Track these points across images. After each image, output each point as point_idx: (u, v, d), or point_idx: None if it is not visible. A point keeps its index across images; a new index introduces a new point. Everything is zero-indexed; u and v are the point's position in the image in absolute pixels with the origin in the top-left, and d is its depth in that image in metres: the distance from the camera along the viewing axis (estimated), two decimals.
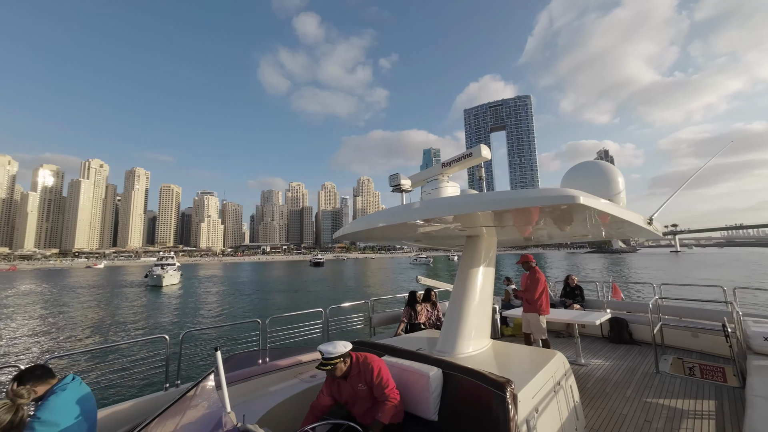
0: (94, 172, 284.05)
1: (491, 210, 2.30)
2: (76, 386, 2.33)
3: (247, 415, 2.09)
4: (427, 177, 3.89)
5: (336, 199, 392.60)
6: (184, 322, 21.85)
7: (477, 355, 3.44)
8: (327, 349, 2.61)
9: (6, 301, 33.00)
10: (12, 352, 14.97)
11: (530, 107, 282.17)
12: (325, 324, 5.74)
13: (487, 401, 2.40)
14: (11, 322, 21.83)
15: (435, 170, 3.80)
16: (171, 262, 56.22)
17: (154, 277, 45.85)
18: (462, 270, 3.80)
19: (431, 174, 3.84)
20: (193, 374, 8.47)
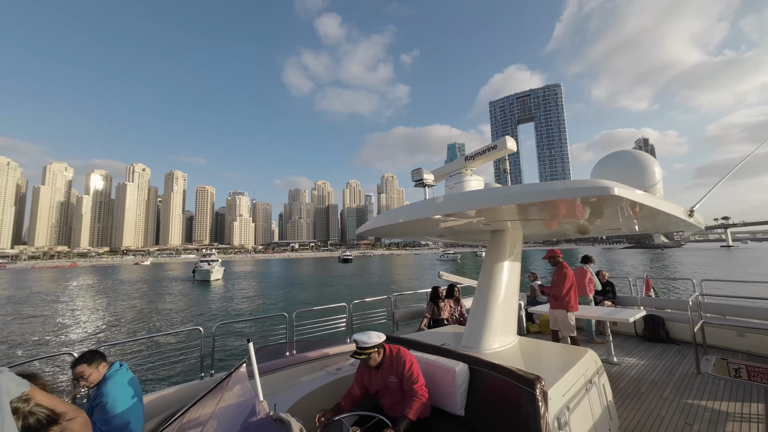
0: (137, 175, 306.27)
1: (516, 204, 2.23)
2: (124, 372, 2.62)
3: (277, 405, 2.14)
4: (450, 171, 3.82)
5: (360, 196, 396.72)
6: (231, 313, 23.64)
7: (503, 351, 3.41)
8: (362, 338, 2.67)
9: (71, 293, 37.09)
10: (71, 339, 17.02)
11: (560, 96, 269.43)
12: (349, 318, 5.82)
13: (515, 398, 2.38)
14: (76, 311, 24.72)
15: (458, 164, 3.74)
16: (214, 258, 59.23)
17: (202, 272, 48.41)
18: (487, 265, 3.76)
19: (454, 168, 3.77)
20: (226, 364, 8.62)
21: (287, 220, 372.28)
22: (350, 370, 4.21)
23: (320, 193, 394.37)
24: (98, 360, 2.56)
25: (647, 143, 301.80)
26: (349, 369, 4.27)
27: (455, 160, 3.80)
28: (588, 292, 6.81)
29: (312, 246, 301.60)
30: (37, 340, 17.05)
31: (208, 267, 49.78)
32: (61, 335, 18.03)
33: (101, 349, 2.81)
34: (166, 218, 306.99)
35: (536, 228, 3.92)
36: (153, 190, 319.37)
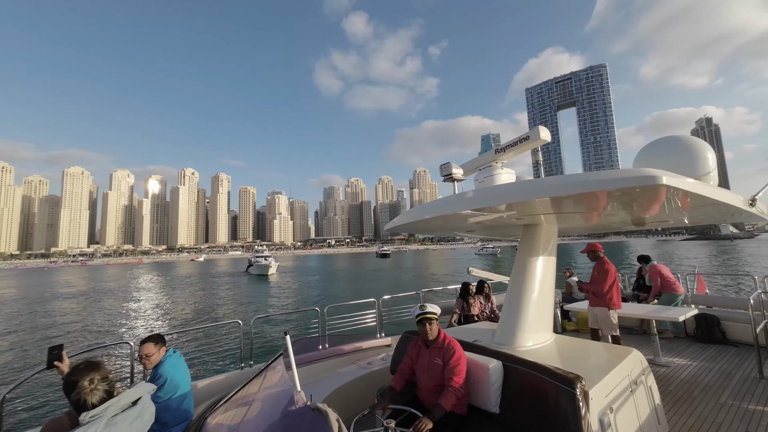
0: (188, 179, 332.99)
1: (549, 197, 2.15)
2: (177, 357, 2.92)
3: (313, 396, 2.21)
4: (479, 165, 3.75)
5: (393, 192, 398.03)
6: (294, 303, 25.36)
7: (538, 349, 3.34)
8: (428, 304, 2.93)
9: (144, 286, 41.74)
10: (137, 326, 18.76)
11: (605, 78, 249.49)
12: (379, 314, 5.83)
13: (554, 397, 2.33)
14: (149, 302, 27.71)
15: (488, 157, 3.65)
16: (267, 254, 62.59)
17: (261, 266, 50.75)
18: (519, 260, 3.68)
19: (484, 161, 3.69)
20: (264, 356, 8.90)
21: (323, 217, 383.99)
22: (381, 365, 4.30)
23: (353, 190, 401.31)
24: (161, 343, 2.87)
25: (710, 123, 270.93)
26: (380, 363, 4.36)
27: (485, 153, 3.72)
28: (677, 290, 6.38)
29: (347, 242, 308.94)
30: (107, 327, 19.13)
31: (266, 262, 52.35)
32: (132, 324, 20.16)
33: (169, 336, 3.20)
34: (214, 218, 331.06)
35: (573, 221, 3.72)
36: (201, 192, 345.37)
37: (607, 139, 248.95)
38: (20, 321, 21.98)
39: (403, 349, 3.60)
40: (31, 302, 31.01)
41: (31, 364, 12.97)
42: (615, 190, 1.94)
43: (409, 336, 3.71)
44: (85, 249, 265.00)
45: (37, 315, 23.98)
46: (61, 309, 26.48)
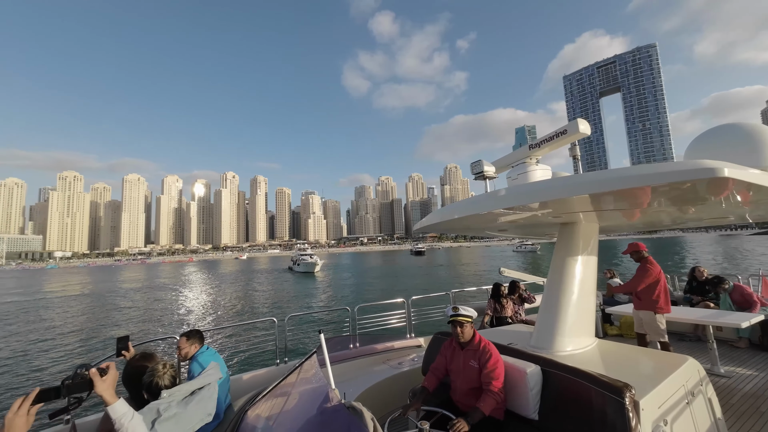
0: (229, 182, 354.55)
1: (588, 194, 2.04)
2: (210, 353, 3.10)
3: (346, 394, 2.20)
4: (512, 161, 3.62)
5: (423, 189, 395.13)
6: (346, 298, 26.03)
7: (580, 354, 3.19)
8: (460, 306, 2.86)
9: (201, 281, 44.94)
10: (193, 318, 19.90)
11: (655, 58, 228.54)
12: (408, 314, 5.77)
13: (599, 406, 2.23)
14: (203, 298, 29.28)
15: (522, 153, 3.52)
16: (310, 253, 64.00)
17: (307, 264, 51.82)
18: (557, 260, 3.53)
19: (518, 157, 3.56)
20: (297, 353, 8.88)
21: (354, 216, 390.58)
22: (412, 365, 4.30)
23: (384, 188, 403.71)
24: (194, 339, 3.12)
25: None
26: (410, 364, 4.35)
27: (518, 150, 3.59)
28: None
29: (379, 240, 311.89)
30: (163, 320, 20.54)
31: (312, 260, 53.32)
32: (186, 317, 21.41)
33: (207, 332, 3.29)
34: (253, 218, 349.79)
35: (616, 219, 3.55)
36: (242, 194, 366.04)
37: (658, 125, 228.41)
38: (94, 312, 25.19)
39: (434, 349, 3.56)
40: (102, 296, 35.19)
41: (100, 348, 14.67)
42: (663, 185, 1.79)
43: (441, 337, 3.70)
44: (143, 248, 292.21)
45: (107, 307, 27.22)
46: (127, 302, 29.77)
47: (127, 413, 1.52)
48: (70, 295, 37.19)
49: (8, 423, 1.19)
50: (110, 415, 1.50)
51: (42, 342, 16.33)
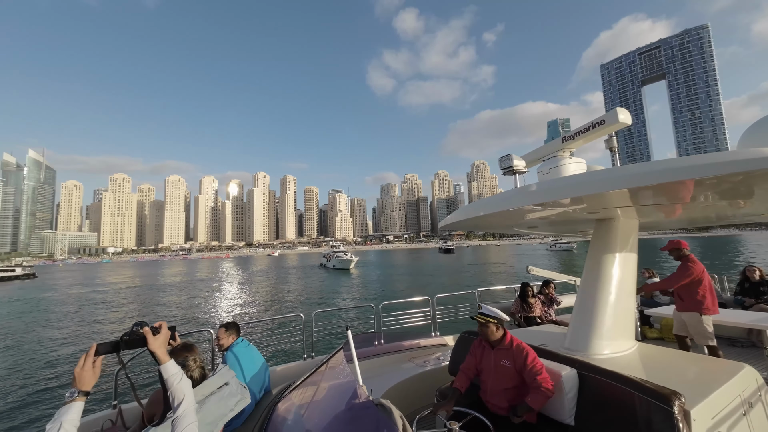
0: (260, 182, 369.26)
1: (627, 188, 1.94)
2: (244, 345, 3.22)
3: (372, 391, 2.18)
4: (544, 155, 3.48)
5: (449, 186, 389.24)
6: (384, 294, 26.16)
7: (619, 358, 3.05)
8: (487, 307, 2.81)
9: (240, 276, 47.41)
10: (235, 311, 21.09)
11: (707, 41, 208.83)
12: (433, 312, 5.69)
13: (644, 414, 2.12)
14: (242, 292, 30.83)
15: (554, 146, 3.35)
16: (344, 249, 63.24)
17: (343, 261, 51.71)
18: (592, 259, 3.38)
19: (550, 150, 3.40)
20: (323, 348, 8.76)
21: (380, 214, 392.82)
22: (437, 363, 4.27)
23: (410, 186, 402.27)
24: (231, 330, 3.25)
25: None
26: (435, 362, 4.32)
27: (550, 142, 3.42)
28: None
29: (405, 237, 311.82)
30: (203, 311, 21.50)
31: (347, 257, 53.01)
32: (227, 309, 22.30)
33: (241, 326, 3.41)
34: (283, 216, 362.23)
35: (658, 215, 3.34)
36: (272, 194, 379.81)
37: (709, 113, 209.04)
38: (141, 303, 27.59)
39: (462, 349, 3.51)
40: (149, 288, 38.28)
41: None
42: (710, 178, 1.65)
43: (469, 336, 3.63)
44: (184, 245, 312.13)
45: (152, 300, 29.59)
46: (170, 295, 32.14)
47: (177, 374, 1.59)
48: (131, 286, 41.03)
49: (77, 376, 1.35)
50: (162, 374, 1.56)
51: (112, 323, 18.60)
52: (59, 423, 1.25)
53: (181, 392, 1.55)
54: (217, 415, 1.90)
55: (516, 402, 2.58)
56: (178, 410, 1.51)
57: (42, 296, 33.43)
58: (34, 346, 14.92)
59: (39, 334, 17.19)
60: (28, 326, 19.29)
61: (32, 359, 12.77)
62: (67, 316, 22.72)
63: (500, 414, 2.62)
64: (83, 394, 1.34)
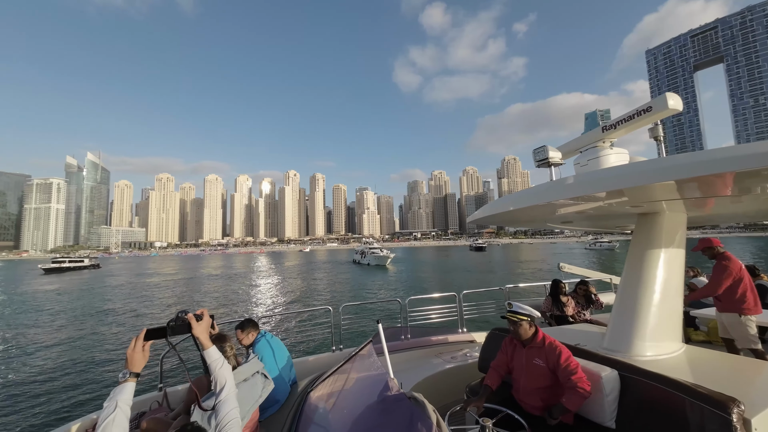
0: (291, 180, 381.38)
1: (674, 179, 1.82)
2: (268, 338, 3.27)
3: (402, 385, 2.17)
4: (581, 145, 3.30)
5: (478, 183, 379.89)
6: (421, 290, 26.13)
7: (665, 360, 2.89)
8: (518, 304, 2.74)
9: (277, 270, 49.50)
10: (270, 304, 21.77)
11: None
12: (460, 308, 5.62)
13: (697, 421, 2.00)
14: (279, 285, 32.06)
15: (593, 136, 3.17)
16: (378, 246, 63.70)
17: (380, 257, 52.10)
18: (634, 255, 3.23)
19: (588, 141, 3.21)
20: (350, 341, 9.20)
21: (407, 211, 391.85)
22: (464, 360, 4.23)
23: (437, 183, 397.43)
24: (249, 328, 3.27)
25: None
26: (463, 359, 4.28)
27: (589, 132, 3.25)
28: None
29: (433, 235, 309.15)
30: (243, 303, 22.84)
31: (383, 253, 53.18)
32: (264, 301, 23.79)
33: (257, 319, 3.51)
34: (312, 213, 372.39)
35: (711, 209, 3.11)
36: (302, 191, 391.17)
37: None
38: (187, 291, 29.93)
39: (492, 346, 3.46)
40: (194, 280, 41.25)
41: None
42: None
43: (498, 333, 3.59)
44: (221, 240, 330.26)
45: (196, 290, 31.96)
46: (210, 286, 34.50)
47: (219, 360, 1.69)
48: (182, 278, 44.48)
49: (129, 357, 1.46)
50: (205, 359, 1.66)
51: (167, 308, 20.41)
52: (115, 402, 1.35)
53: (224, 377, 1.64)
54: (249, 401, 1.98)
55: (551, 402, 2.51)
56: (221, 395, 1.59)
57: (109, 284, 37.51)
58: (105, 326, 17.17)
59: (109, 316, 19.66)
60: (104, 308, 22.23)
61: (103, 338, 14.72)
62: (130, 300, 25.77)
63: (534, 414, 2.55)
64: (134, 375, 1.44)
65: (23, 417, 7.67)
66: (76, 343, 13.99)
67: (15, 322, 18.74)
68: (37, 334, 15.75)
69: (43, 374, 10.39)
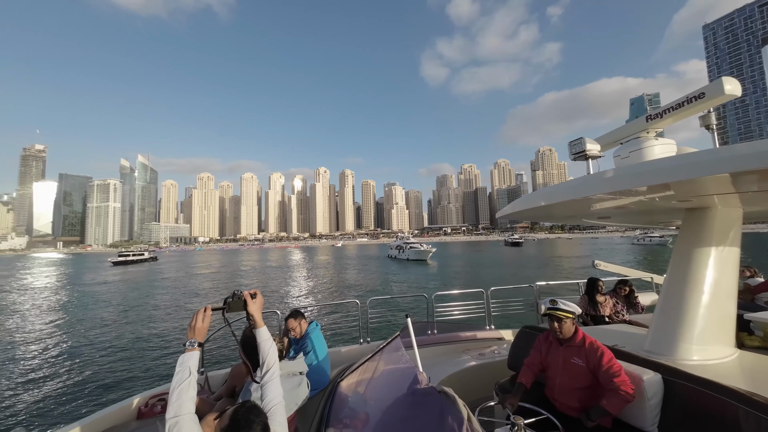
0: (321, 176, 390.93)
1: (728, 172, 1.67)
2: (319, 329, 3.44)
3: (430, 379, 2.14)
4: (622, 136, 3.12)
5: (511, 176, 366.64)
6: (462, 285, 26.06)
7: (715, 365, 2.71)
8: (562, 300, 2.66)
9: (316, 264, 50.74)
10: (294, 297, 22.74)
11: None
12: (487, 305, 5.53)
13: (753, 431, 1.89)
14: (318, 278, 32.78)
15: (636, 126, 2.99)
16: (413, 240, 62.60)
17: (419, 252, 51.21)
18: (681, 253, 3.03)
19: (631, 131, 3.04)
20: (377, 334, 8.77)
21: (436, 206, 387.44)
22: (492, 357, 4.15)
23: (467, 177, 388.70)
24: (300, 317, 3.41)
25: None
26: (491, 356, 4.20)
27: (631, 122, 3.07)
28: None
29: (463, 230, 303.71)
30: (282, 295, 23.65)
31: (424, 248, 51.97)
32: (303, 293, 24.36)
33: (303, 310, 3.66)
34: (342, 209, 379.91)
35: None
36: (332, 188, 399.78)
37: None
38: (232, 281, 32.44)
39: (522, 344, 3.40)
40: (238, 271, 44.23)
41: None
42: None
43: (529, 331, 3.51)
44: (257, 235, 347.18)
45: (240, 278, 34.24)
46: (249, 278, 36.45)
47: (269, 340, 1.75)
48: (227, 270, 47.78)
49: (196, 329, 1.61)
50: (257, 337, 1.75)
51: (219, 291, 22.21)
52: (188, 367, 1.48)
53: (273, 359, 1.71)
54: (289, 403, 1.99)
55: (588, 403, 2.43)
56: (268, 375, 1.65)
57: (169, 275, 41.34)
58: (176, 306, 19.90)
59: (176, 298, 22.69)
60: (173, 292, 25.63)
61: (178, 314, 17.10)
62: (190, 285, 29.49)
63: (569, 414, 2.49)
64: (199, 345, 1.58)
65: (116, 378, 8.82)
66: (157, 320, 16.00)
67: (111, 302, 22.43)
68: (128, 312, 18.72)
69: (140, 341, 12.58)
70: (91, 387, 8.75)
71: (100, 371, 9.87)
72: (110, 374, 9.63)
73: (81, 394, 8.33)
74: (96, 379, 9.29)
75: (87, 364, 10.59)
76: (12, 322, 17.12)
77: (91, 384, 8.94)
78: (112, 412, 2.90)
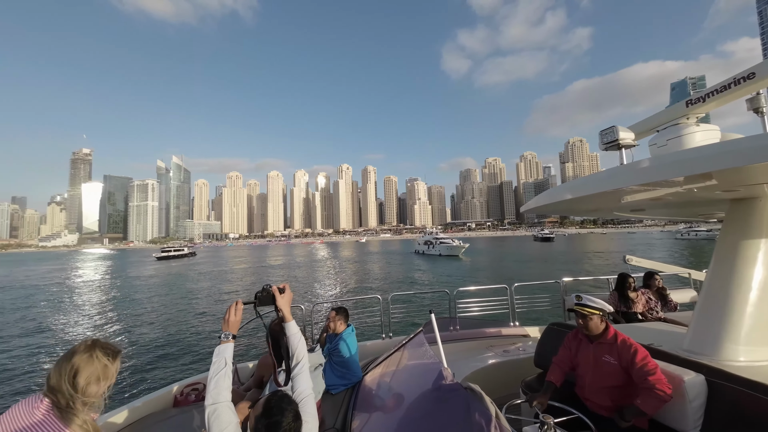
0: (344, 173, 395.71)
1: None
2: (353, 331, 3.49)
3: (454, 375, 2.11)
4: (659, 123, 2.91)
5: (538, 169, 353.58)
6: (489, 280, 25.34)
7: (764, 368, 2.58)
8: (589, 297, 2.59)
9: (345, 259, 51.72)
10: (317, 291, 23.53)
11: None
12: (511, 301, 5.43)
13: None
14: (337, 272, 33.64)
15: (674, 112, 2.79)
16: (443, 236, 63.00)
17: (451, 248, 51.00)
18: (725, 247, 2.87)
19: (669, 117, 2.84)
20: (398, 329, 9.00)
21: (459, 201, 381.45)
22: (517, 355, 4.08)
23: (491, 171, 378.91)
24: (341, 315, 3.50)
25: None
26: (515, 353, 4.14)
27: (669, 108, 2.86)
28: None
29: (488, 225, 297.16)
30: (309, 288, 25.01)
31: (456, 243, 51.86)
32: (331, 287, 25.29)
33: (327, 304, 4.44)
34: (365, 205, 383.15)
35: None
36: (354, 184, 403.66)
37: None
38: (263, 275, 34.39)
39: (549, 341, 3.34)
40: (269, 266, 46.09)
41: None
42: None
43: (556, 328, 3.44)
44: (284, 232, 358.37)
45: (272, 272, 36.24)
46: (276, 272, 38.31)
47: (298, 334, 1.80)
48: (258, 265, 49.97)
49: (230, 322, 1.68)
50: (286, 331, 1.81)
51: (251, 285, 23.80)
52: (224, 358, 1.58)
53: (302, 352, 1.75)
54: None
55: (622, 402, 2.35)
56: (297, 368, 1.70)
57: (208, 270, 44.18)
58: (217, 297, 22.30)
59: (213, 291, 24.74)
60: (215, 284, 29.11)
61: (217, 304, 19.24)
62: (228, 279, 32.24)
63: (601, 414, 2.42)
64: (233, 337, 1.67)
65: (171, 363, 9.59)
66: (195, 311, 17.34)
67: (162, 294, 24.74)
68: (176, 302, 20.70)
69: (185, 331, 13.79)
70: (135, 371, 9.58)
71: (144, 357, 10.75)
72: (152, 360, 10.48)
73: (127, 378, 9.10)
74: (139, 364, 10.13)
75: (140, 349, 11.64)
76: (79, 312, 19.05)
77: (137, 368, 9.80)
78: (153, 399, 3.01)
